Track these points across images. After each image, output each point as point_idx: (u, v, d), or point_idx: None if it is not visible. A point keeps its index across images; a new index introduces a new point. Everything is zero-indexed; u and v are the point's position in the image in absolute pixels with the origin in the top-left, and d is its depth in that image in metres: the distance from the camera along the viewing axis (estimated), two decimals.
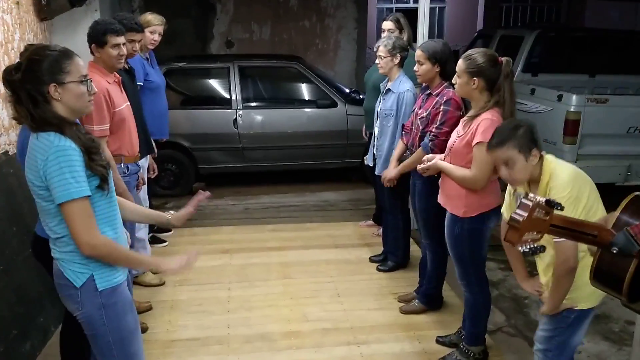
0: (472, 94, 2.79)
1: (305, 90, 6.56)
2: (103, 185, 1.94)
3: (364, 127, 4.98)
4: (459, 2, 15.83)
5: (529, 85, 6.20)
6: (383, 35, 4.39)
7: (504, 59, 2.78)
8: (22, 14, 4.10)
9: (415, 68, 3.41)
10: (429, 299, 3.67)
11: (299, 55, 7.65)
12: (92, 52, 3.23)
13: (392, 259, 4.33)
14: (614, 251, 1.28)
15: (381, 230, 4.58)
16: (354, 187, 6.42)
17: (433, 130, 3.26)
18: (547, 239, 2.15)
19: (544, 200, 1.22)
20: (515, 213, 1.22)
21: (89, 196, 1.87)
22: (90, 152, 1.91)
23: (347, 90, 6.60)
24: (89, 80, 1.99)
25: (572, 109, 5.22)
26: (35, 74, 1.89)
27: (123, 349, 2.03)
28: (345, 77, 8.55)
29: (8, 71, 1.92)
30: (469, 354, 3.10)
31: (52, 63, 1.90)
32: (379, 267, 4.33)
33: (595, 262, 1.33)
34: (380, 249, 4.49)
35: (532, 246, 1.24)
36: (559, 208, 1.24)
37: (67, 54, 1.96)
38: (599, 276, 1.35)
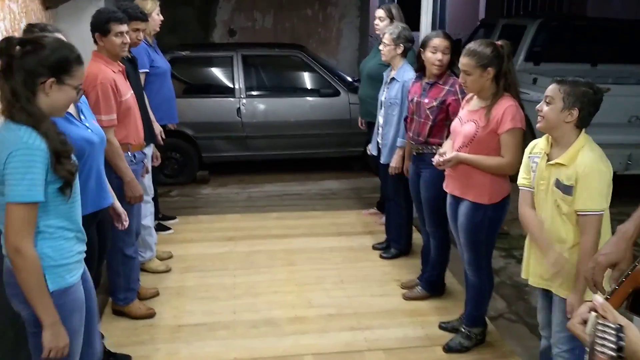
0: (484, 86, 2.82)
1: (308, 79, 6.59)
2: (65, 190, 1.89)
3: (359, 116, 5.02)
4: None
5: (531, 74, 6.23)
6: (375, 22, 4.47)
7: (501, 42, 2.84)
8: (28, 2, 4.10)
9: (439, 57, 3.38)
10: (432, 285, 3.73)
11: (301, 43, 7.66)
12: (95, 42, 3.23)
13: (394, 246, 4.38)
14: None
15: (384, 218, 4.63)
16: (357, 176, 6.46)
17: None
18: (568, 211, 2.20)
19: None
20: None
21: (39, 202, 1.83)
22: (60, 155, 1.85)
23: (350, 79, 6.62)
24: (82, 91, 2.01)
25: None
26: (37, 59, 1.84)
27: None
28: (347, 65, 8.56)
29: (10, 42, 1.85)
30: (470, 335, 3.18)
31: (63, 60, 1.89)
32: (382, 254, 4.38)
33: (630, 304, 1.29)
34: (383, 237, 4.54)
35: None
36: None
37: (80, 60, 1.96)
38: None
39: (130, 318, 3.43)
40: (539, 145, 2.42)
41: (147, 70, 4.15)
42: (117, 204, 2.76)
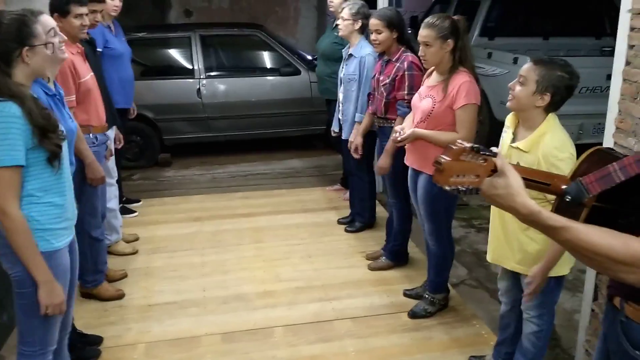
0: (443, 58, 2.87)
1: (267, 58, 6.59)
2: (52, 162, 1.95)
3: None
4: None
5: (486, 49, 6.38)
6: (329, 2, 4.50)
7: (457, 17, 2.92)
8: None
9: (372, 37, 3.51)
10: (396, 255, 3.85)
11: (259, 23, 7.63)
12: None
13: (359, 220, 4.48)
14: (567, 200, 1.34)
15: (348, 193, 4.73)
16: (319, 154, 6.53)
17: (405, 97, 3.36)
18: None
19: (469, 145, 1.26)
20: (440, 156, 1.25)
21: (21, 166, 1.88)
22: (46, 129, 1.90)
23: (310, 58, 6.65)
24: (57, 36, 2.01)
25: None
26: (6, 38, 1.88)
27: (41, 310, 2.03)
28: (307, 44, 8.56)
29: None
30: (434, 301, 3.31)
31: (24, 26, 1.91)
32: (347, 228, 4.48)
33: (553, 211, 1.38)
34: (347, 212, 4.64)
35: (465, 188, 1.25)
36: (486, 154, 1.25)
37: (30, 17, 1.94)
38: None
39: (100, 300, 3.44)
40: (508, 118, 2.38)
41: (100, 50, 4.09)
42: None
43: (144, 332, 3.16)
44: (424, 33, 2.84)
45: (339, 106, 4.28)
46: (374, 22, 3.47)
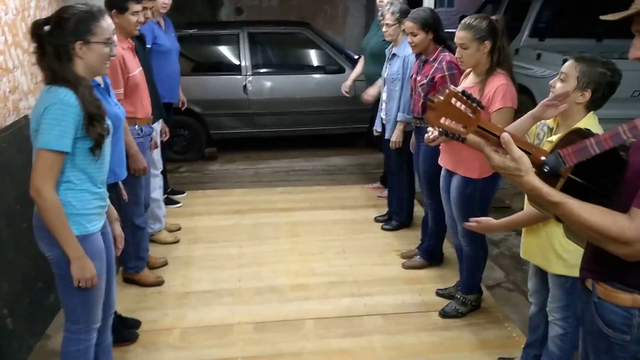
0: (480, 60, 2.84)
1: (313, 56, 6.66)
2: (95, 150, 2.06)
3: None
4: None
5: (535, 50, 6.26)
6: (379, 1, 4.51)
7: (496, 17, 2.88)
8: None
9: (409, 40, 3.52)
10: (430, 255, 3.85)
11: (308, 21, 7.71)
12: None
13: (396, 218, 4.50)
14: (545, 170, 1.41)
15: (386, 192, 4.74)
16: (361, 152, 6.56)
17: None
18: None
19: (461, 90, 1.34)
20: (434, 96, 1.34)
21: (66, 152, 1.99)
22: (93, 118, 2.02)
23: (356, 56, 6.67)
24: (113, 43, 2.12)
25: None
26: (63, 31, 2.01)
27: (83, 291, 2.16)
28: (354, 43, 8.60)
29: (37, 25, 2.03)
30: (465, 302, 3.30)
31: (80, 22, 2.03)
32: (384, 226, 4.50)
33: None
34: (385, 210, 4.66)
35: (451, 134, 1.35)
36: (476, 105, 1.34)
37: (94, 15, 2.08)
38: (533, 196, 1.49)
39: (140, 286, 3.58)
40: (548, 122, 2.36)
41: (149, 46, 4.25)
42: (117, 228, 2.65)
43: (180, 318, 3.28)
44: (460, 35, 2.81)
45: (381, 105, 4.31)
46: (408, 24, 3.48)
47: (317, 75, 6.43)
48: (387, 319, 3.28)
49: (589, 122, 2.20)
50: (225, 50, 6.60)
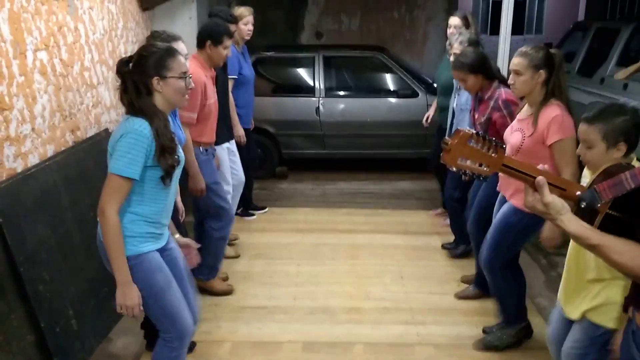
0: (534, 89, 2.77)
1: (387, 80, 6.67)
2: (165, 180, 2.20)
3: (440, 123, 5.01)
4: None
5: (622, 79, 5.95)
6: (449, 30, 4.45)
7: (554, 50, 2.82)
8: (126, 4, 4.52)
9: (460, 85, 3.49)
10: (486, 285, 3.70)
11: (386, 45, 7.75)
12: (201, 46, 3.52)
13: (462, 245, 4.37)
14: (582, 205, 1.39)
15: (448, 219, 4.63)
16: (430, 178, 6.42)
17: None
18: None
19: (475, 132, 1.33)
20: (447, 138, 1.34)
21: (133, 179, 2.12)
22: (165, 150, 2.16)
23: (431, 81, 6.63)
24: (188, 77, 2.27)
25: None
26: (143, 68, 2.19)
27: (156, 302, 2.28)
28: (432, 66, 8.50)
29: (121, 63, 2.23)
30: (504, 336, 3.18)
31: (158, 59, 2.20)
32: (450, 253, 4.40)
33: None
34: (449, 238, 4.55)
35: (471, 174, 1.35)
36: (495, 144, 1.33)
37: (170, 52, 2.24)
38: None
39: (211, 294, 3.68)
40: (585, 174, 2.29)
41: (236, 77, 4.41)
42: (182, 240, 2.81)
43: (232, 332, 3.35)
44: (515, 61, 2.77)
45: (448, 135, 4.23)
46: (455, 74, 3.44)
47: (389, 99, 6.43)
48: (439, 349, 3.20)
49: None
50: (300, 73, 6.75)
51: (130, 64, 2.20)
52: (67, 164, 3.22)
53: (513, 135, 2.87)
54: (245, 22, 4.51)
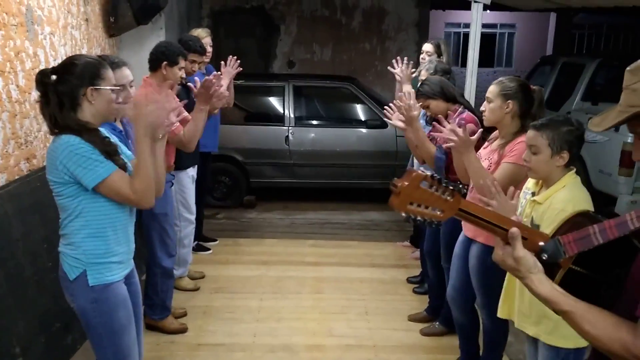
0: (503, 119, 2.77)
1: (356, 110, 6.66)
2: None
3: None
4: (529, 28, 15.58)
5: (587, 114, 6.04)
6: (422, 57, 4.47)
7: (535, 87, 2.82)
8: (91, 30, 4.44)
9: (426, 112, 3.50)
10: (451, 321, 3.64)
11: (358, 76, 7.78)
12: (154, 69, 3.49)
13: (428, 281, 4.31)
14: (543, 258, 1.28)
15: (418, 252, 4.59)
16: None
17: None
18: None
19: (430, 174, 1.21)
20: (397, 179, 1.22)
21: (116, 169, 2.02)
22: (109, 153, 2.05)
23: None
24: (122, 89, 2.20)
25: (629, 140, 5.05)
26: (73, 78, 2.04)
27: (114, 341, 2.14)
28: None
29: (44, 73, 2.06)
30: None
31: (91, 69, 2.07)
32: (415, 289, 4.33)
33: None
34: (416, 271, 4.49)
35: (422, 220, 1.23)
36: (453, 188, 1.22)
37: (103, 63, 2.13)
38: None
39: (163, 332, 3.55)
40: (530, 180, 2.39)
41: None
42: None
43: None
44: (490, 88, 2.80)
45: (412, 163, 4.22)
46: (418, 101, 3.39)
47: (359, 129, 6.42)
48: None
49: (570, 180, 2.21)
50: (270, 102, 6.71)
51: (54, 76, 2.04)
52: (20, 193, 3.09)
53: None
54: (205, 42, 4.47)
